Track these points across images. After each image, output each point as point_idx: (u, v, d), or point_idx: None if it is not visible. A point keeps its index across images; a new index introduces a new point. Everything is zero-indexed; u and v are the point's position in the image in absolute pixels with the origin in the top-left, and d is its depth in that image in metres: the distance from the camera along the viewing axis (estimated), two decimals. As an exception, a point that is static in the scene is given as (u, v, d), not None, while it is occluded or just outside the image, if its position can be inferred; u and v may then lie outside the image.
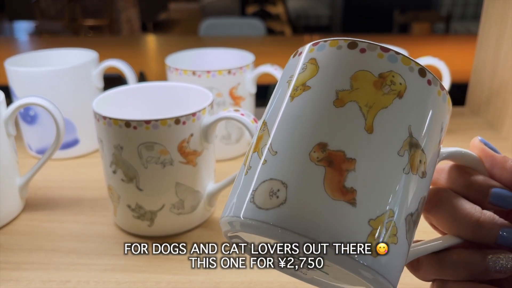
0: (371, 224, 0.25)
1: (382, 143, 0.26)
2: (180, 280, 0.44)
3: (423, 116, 0.27)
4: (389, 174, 0.26)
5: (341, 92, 0.26)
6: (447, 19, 3.31)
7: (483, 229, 0.29)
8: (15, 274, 0.45)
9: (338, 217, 0.24)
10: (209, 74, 0.61)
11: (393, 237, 0.25)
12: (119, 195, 0.48)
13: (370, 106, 0.26)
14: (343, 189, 0.25)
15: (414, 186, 0.27)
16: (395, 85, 0.26)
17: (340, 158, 0.25)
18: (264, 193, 0.26)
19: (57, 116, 0.51)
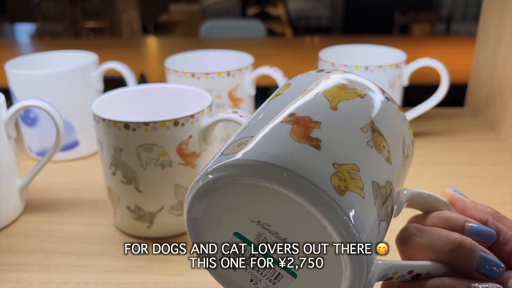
0: (335, 167, 0.25)
1: (346, 118, 0.28)
2: (179, 281, 0.44)
3: (383, 115, 0.30)
4: (353, 139, 0.28)
5: (309, 89, 0.30)
6: (447, 20, 3.31)
7: (463, 250, 0.28)
8: (15, 275, 0.45)
9: (303, 155, 0.25)
10: (208, 76, 0.62)
11: (359, 190, 0.26)
12: (119, 197, 0.48)
13: (334, 96, 0.29)
14: (308, 137, 0.26)
15: (380, 162, 0.28)
16: (356, 90, 0.30)
17: (307, 120, 0.27)
18: (233, 146, 0.27)
19: (57, 118, 0.51)
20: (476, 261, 0.28)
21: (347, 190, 0.25)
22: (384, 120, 0.30)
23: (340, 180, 0.25)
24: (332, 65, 0.66)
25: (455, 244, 0.28)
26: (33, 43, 2.91)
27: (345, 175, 0.25)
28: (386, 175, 0.28)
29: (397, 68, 0.67)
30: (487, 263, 0.28)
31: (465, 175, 0.63)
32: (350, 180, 0.25)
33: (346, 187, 0.25)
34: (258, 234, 0.27)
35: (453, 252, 0.28)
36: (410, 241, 0.30)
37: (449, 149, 0.71)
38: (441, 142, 0.72)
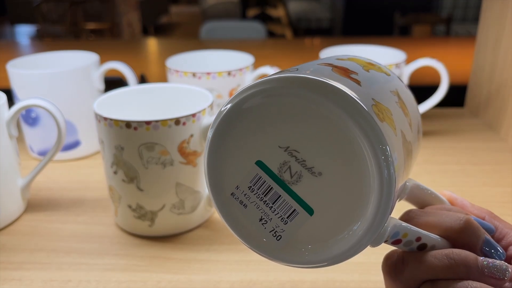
0: (374, 101, 0.26)
1: (377, 79, 0.30)
2: (181, 279, 0.44)
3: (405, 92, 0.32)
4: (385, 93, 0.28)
5: (340, 57, 0.31)
6: (447, 21, 3.31)
7: (470, 227, 0.28)
8: (17, 274, 0.45)
9: (346, 84, 0.25)
10: (209, 76, 0.62)
11: (393, 128, 0.26)
12: (120, 196, 0.49)
13: (365, 65, 0.31)
14: (349, 75, 0.27)
15: (406, 122, 0.29)
16: (382, 69, 0.32)
17: (345, 69, 0.28)
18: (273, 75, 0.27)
19: (58, 117, 0.52)
20: (481, 241, 0.28)
21: (384, 121, 0.25)
22: (405, 96, 0.31)
23: (379, 112, 0.25)
24: (333, 65, 0.66)
25: (463, 220, 0.28)
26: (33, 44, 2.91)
27: (383, 110, 0.26)
28: (409, 136, 0.29)
29: (397, 68, 0.67)
30: (490, 245, 0.29)
31: (465, 174, 0.63)
32: (387, 116, 0.26)
33: (383, 119, 0.25)
34: (283, 162, 0.27)
35: (461, 228, 0.28)
36: (414, 220, 0.30)
37: (449, 149, 0.71)
38: (441, 142, 0.73)
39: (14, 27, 4.75)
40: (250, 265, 0.46)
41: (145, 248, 0.48)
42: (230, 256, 0.47)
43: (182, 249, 0.48)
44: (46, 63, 0.72)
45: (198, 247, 0.48)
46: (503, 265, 0.27)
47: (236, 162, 0.28)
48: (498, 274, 0.27)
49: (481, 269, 0.27)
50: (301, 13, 4.69)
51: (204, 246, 0.49)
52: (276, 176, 0.27)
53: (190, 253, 0.48)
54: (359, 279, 0.43)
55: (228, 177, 0.28)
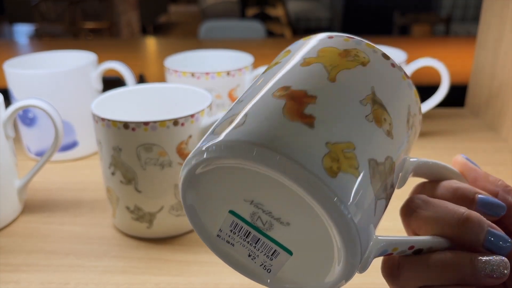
0: (328, 146, 0.24)
1: (344, 90, 0.26)
2: (180, 281, 0.44)
3: (387, 85, 0.28)
4: (350, 113, 0.26)
5: (308, 58, 0.28)
6: (447, 21, 3.31)
7: (470, 225, 0.27)
8: (15, 276, 0.44)
9: (294, 135, 0.24)
10: (208, 76, 0.61)
11: (353, 169, 0.24)
12: (118, 197, 0.48)
13: (334, 66, 0.27)
14: (302, 114, 0.25)
15: (379, 137, 0.26)
16: (358, 57, 0.28)
17: (302, 94, 0.25)
18: (224, 123, 0.26)
19: (55, 118, 0.51)
20: (483, 236, 0.27)
21: (339, 172, 0.24)
22: (387, 90, 0.28)
23: (333, 161, 0.24)
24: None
25: (461, 218, 0.27)
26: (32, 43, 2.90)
27: (339, 155, 0.24)
28: (386, 150, 0.27)
29: (398, 68, 0.66)
30: (494, 238, 0.27)
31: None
32: (344, 160, 0.24)
33: (339, 168, 0.24)
34: (252, 212, 0.27)
35: (460, 226, 0.27)
36: (415, 214, 0.29)
37: (449, 149, 0.71)
38: (441, 142, 0.72)
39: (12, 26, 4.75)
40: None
41: (143, 250, 0.48)
42: (229, 258, 0.47)
43: (181, 251, 0.48)
44: (44, 63, 0.71)
45: (197, 249, 0.48)
46: (501, 263, 0.26)
47: (213, 209, 0.28)
48: (497, 274, 0.26)
49: (478, 271, 0.26)
50: (300, 13, 4.69)
51: (203, 247, 0.48)
52: (250, 223, 0.27)
53: (189, 255, 0.47)
54: (358, 282, 0.43)
55: (210, 222, 0.28)
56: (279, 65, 0.29)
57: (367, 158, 0.25)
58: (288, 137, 0.24)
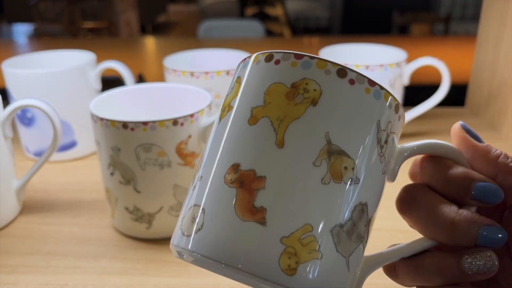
0: (283, 242, 0.24)
1: (294, 156, 0.25)
2: (179, 283, 0.43)
3: (344, 120, 0.26)
4: (303, 188, 0.25)
5: (255, 109, 0.26)
6: (446, 20, 3.31)
7: (458, 231, 0.27)
8: (12, 277, 0.44)
9: (249, 239, 0.24)
10: (207, 75, 0.61)
11: (314, 253, 0.24)
12: (117, 197, 0.48)
13: (282, 119, 0.25)
14: (252, 209, 0.24)
15: (339, 195, 0.25)
16: (308, 92, 0.26)
17: (251, 177, 0.25)
18: (187, 221, 0.26)
19: (54, 118, 0.51)
20: (473, 237, 0.27)
21: (298, 266, 0.24)
22: (345, 123, 0.26)
23: (290, 257, 0.24)
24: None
25: (450, 226, 0.27)
26: (31, 43, 2.90)
27: (295, 247, 0.24)
28: (352, 201, 0.26)
29: (398, 67, 0.66)
30: (489, 237, 0.26)
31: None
32: (302, 249, 0.24)
33: (298, 262, 0.24)
34: None
35: (449, 234, 0.27)
36: (407, 213, 0.29)
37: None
38: (442, 142, 0.72)
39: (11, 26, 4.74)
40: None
41: (142, 251, 0.48)
42: (229, 259, 0.46)
43: (180, 252, 0.47)
44: (42, 62, 0.71)
45: (196, 250, 0.48)
46: (487, 259, 0.26)
47: None
48: (485, 270, 0.26)
49: (465, 271, 0.26)
50: (299, 12, 4.69)
51: (203, 248, 0.48)
52: None
53: (188, 256, 0.47)
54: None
55: None
56: (230, 113, 0.27)
57: (329, 230, 0.25)
58: (243, 244, 0.24)
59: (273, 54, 0.27)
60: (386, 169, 0.28)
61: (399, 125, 0.29)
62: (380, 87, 0.27)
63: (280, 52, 0.26)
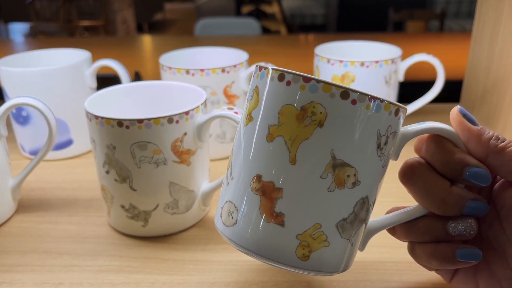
0: (298, 238, 0.32)
1: (305, 172, 0.31)
2: (175, 280, 0.43)
3: (347, 136, 0.31)
4: (312, 196, 0.31)
5: (272, 127, 0.32)
6: (441, 17, 3.31)
7: (448, 205, 0.33)
8: (8, 276, 0.44)
9: (271, 236, 0.32)
10: (202, 73, 0.61)
11: (323, 243, 0.32)
12: (113, 196, 0.48)
13: (293, 139, 0.31)
14: (273, 214, 0.32)
15: (343, 198, 0.32)
16: (315, 115, 0.30)
17: (270, 188, 0.32)
18: (226, 212, 0.34)
19: (49, 116, 0.51)
20: (460, 210, 0.33)
21: (311, 253, 0.32)
22: (348, 141, 0.31)
23: (304, 248, 0.32)
24: (328, 61, 0.66)
25: (441, 201, 0.33)
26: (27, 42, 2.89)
27: (308, 240, 0.32)
28: (353, 199, 0.32)
29: (393, 64, 0.66)
30: (473, 209, 0.33)
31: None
32: (313, 242, 0.32)
33: (310, 251, 0.32)
34: None
35: (439, 207, 0.33)
36: (407, 184, 0.34)
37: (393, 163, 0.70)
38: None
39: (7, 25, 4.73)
40: (245, 265, 0.45)
41: (139, 249, 0.48)
42: (225, 256, 0.46)
43: (177, 250, 0.47)
44: (37, 61, 0.71)
45: (193, 247, 0.48)
46: (467, 226, 0.33)
47: None
48: (465, 234, 0.33)
49: (449, 233, 0.33)
50: (295, 9, 4.68)
51: (199, 246, 0.48)
52: None
53: (185, 253, 0.47)
54: (356, 279, 0.43)
55: None
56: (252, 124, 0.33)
57: (334, 225, 0.32)
58: (267, 239, 0.32)
59: (284, 74, 0.31)
60: (386, 161, 0.34)
61: (400, 122, 0.33)
62: (380, 100, 0.31)
63: (290, 73, 0.31)
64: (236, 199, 0.33)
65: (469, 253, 0.33)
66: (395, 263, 0.45)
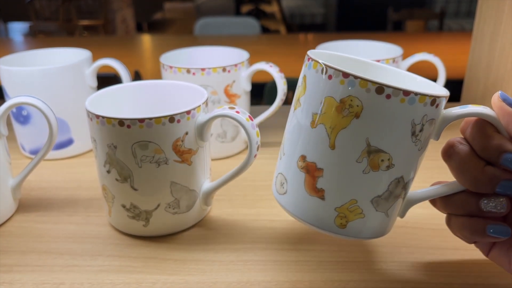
0: (337, 210, 0.37)
1: (342, 156, 0.35)
2: (176, 280, 0.43)
3: (381, 127, 0.34)
4: (349, 177, 0.35)
5: (315, 115, 0.36)
6: (440, 17, 3.31)
7: (480, 184, 0.35)
8: (8, 276, 0.44)
9: (314, 207, 0.37)
10: (203, 72, 0.61)
11: (359, 215, 0.37)
12: (114, 195, 0.48)
13: (333, 127, 0.35)
14: (315, 189, 0.37)
15: (377, 179, 0.36)
16: (352, 107, 0.34)
17: (313, 167, 0.36)
18: (279, 182, 0.40)
19: (49, 115, 0.51)
20: (493, 189, 0.35)
21: (348, 223, 0.37)
22: (382, 131, 0.34)
23: (342, 219, 0.37)
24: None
25: (474, 179, 0.35)
26: (26, 41, 2.89)
27: (345, 212, 0.37)
28: (389, 180, 0.36)
29: (394, 63, 0.66)
30: (505, 188, 0.35)
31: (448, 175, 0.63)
32: (350, 214, 0.37)
33: (347, 221, 0.37)
34: None
35: (474, 185, 0.36)
36: (448, 162, 0.37)
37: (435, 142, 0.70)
38: (438, 138, 0.72)
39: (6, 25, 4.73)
40: (247, 265, 0.45)
41: (139, 249, 0.48)
42: (226, 255, 0.46)
43: (178, 249, 0.47)
44: (38, 60, 0.71)
45: (194, 247, 0.48)
46: (498, 204, 0.35)
47: None
48: (496, 211, 0.36)
49: (481, 209, 0.36)
50: (294, 9, 4.68)
51: (200, 245, 0.48)
52: None
53: (186, 253, 0.47)
54: (358, 279, 0.43)
55: None
56: (300, 109, 0.37)
57: (369, 201, 0.36)
58: (311, 210, 0.37)
59: (327, 68, 0.34)
60: (423, 144, 0.37)
61: (439, 109, 0.36)
62: (414, 94, 0.33)
63: (332, 68, 0.34)
64: (286, 172, 0.39)
65: (499, 229, 0.36)
66: (397, 263, 0.45)
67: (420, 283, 0.42)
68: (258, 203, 0.55)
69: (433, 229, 0.49)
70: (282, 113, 0.85)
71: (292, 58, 2.10)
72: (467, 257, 0.45)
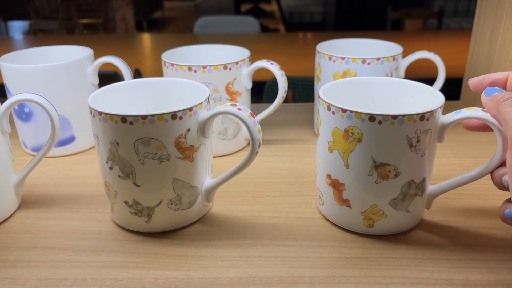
0: (363, 214, 0.47)
1: (356, 173, 0.45)
2: (178, 276, 0.43)
3: (381, 145, 0.42)
4: (365, 188, 0.45)
5: (330, 142, 0.46)
6: (439, 16, 3.31)
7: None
8: (11, 272, 0.44)
9: (344, 214, 0.48)
10: (205, 69, 0.61)
11: (382, 216, 0.46)
12: (116, 192, 0.48)
13: (344, 151, 0.44)
14: (343, 200, 0.47)
15: (389, 186, 0.44)
16: (354, 134, 0.43)
17: (337, 183, 0.46)
18: (318, 195, 0.51)
19: (52, 112, 0.51)
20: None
21: (374, 223, 0.47)
22: (382, 148, 0.42)
23: (368, 220, 0.47)
24: (330, 58, 0.66)
25: None
26: (26, 39, 2.89)
27: (370, 215, 0.46)
28: (400, 184, 0.44)
29: (395, 61, 0.66)
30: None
31: (462, 167, 0.63)
32: (374, 216, 0.46)
33: (373, 222, 0.47)
34: None
35: None
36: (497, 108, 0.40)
37: (446, 141, 0.70)
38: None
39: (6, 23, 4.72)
40: (249, 260, 0.45)
41: (142, 245, 0.48)
42: (228, 251, 0.46)
43: (180, 245, 0.48)
44: (39, 57, 0.71)
45: (196, 243, 0.48)
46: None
47: None
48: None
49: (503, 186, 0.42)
50: (294, 8, 4.68)
51: (202, 241, 0.48)
52: None
53: (188, 249, 0.47)
54: (359, 274, 0.43)
55: None
56: (320, 138, 0.47)
57: (387, 203, 0.45)
58: (343, 216, 0.48)
59: (330, 106, 0.44)
60: (425, 150, 0.43)
61: (430, 122, 0.42)
62: (402, 116, 0.41)
63: (333, 106, 0.43)
64: (321, 188, 0.49)
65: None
66: (397, 259, 0.45)
67: (421, 279, 0.42)
68: (259, 199, 0.56)
69: (433, 225, 0.50)
70: (283, 110, 0.85)
71: (291, 57, 2.10)
72: (467, 253, 0.46)
